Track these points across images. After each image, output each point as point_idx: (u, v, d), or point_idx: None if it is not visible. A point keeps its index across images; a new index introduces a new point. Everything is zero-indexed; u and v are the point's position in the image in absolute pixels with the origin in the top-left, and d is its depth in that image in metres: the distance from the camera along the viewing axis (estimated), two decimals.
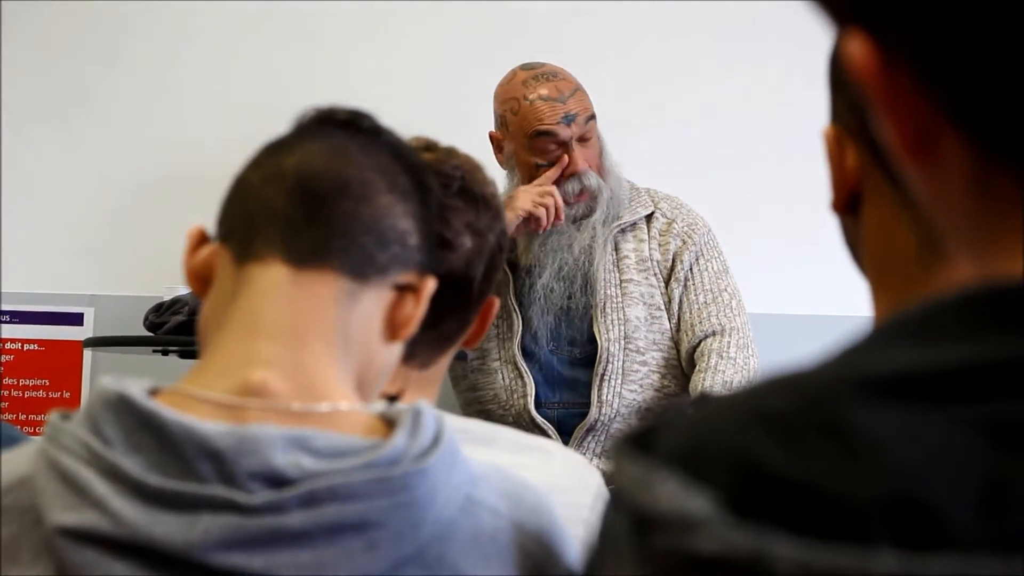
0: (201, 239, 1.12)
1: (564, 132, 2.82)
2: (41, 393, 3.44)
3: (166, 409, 0.97)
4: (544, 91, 2.85)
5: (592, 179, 2.84)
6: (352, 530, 0.95)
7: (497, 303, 1.52)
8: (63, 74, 3.51)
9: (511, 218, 2.73)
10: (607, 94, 3.07)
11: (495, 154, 2.92)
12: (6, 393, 3.43)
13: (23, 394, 3.43)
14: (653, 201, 2.96)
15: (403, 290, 1.11)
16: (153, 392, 1.03)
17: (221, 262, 1.10)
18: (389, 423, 1.04)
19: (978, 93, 0.52)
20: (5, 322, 3.45)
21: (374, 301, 1.09)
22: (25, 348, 3.45)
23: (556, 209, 2.79)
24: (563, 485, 1.35)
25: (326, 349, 1.06)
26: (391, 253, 1.09)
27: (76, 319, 3.47)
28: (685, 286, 2.88)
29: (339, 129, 1.13)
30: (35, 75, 3.50)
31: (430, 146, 1.49)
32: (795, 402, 0.53)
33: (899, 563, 0.47)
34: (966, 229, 0.56)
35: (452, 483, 1.01)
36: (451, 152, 1.48)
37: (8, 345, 3.45)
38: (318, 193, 1.08)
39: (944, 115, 0.54)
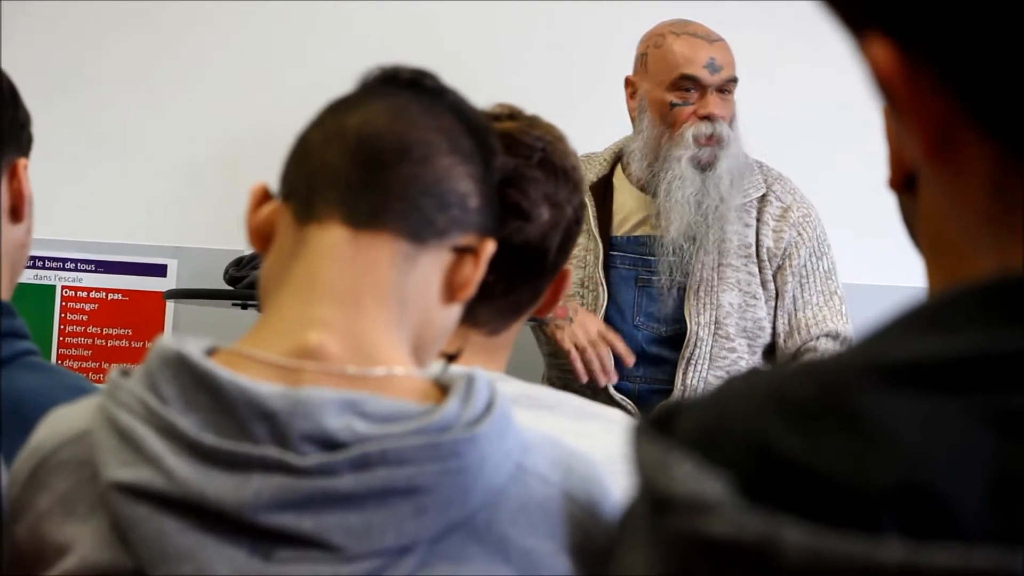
0: (264, 196, 1.13)
1: (707, 77, 2.78)
2: (124, 343, 3.49)
3: (222, 369, 0.98)
4: (692, 29, 2.84)
5: (723, 128, 2.79)
6: (401, 494, 0.96)
7: (571, 274, 1.52)
8: (149, 29, 3.54)
9: (559, 336, 2.75)
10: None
11: (627, 100, 2.90)
12: (90, 341, 3.49)
13: (106, 343, 3.49)
14: (766, 181, 2.89)
15: (462, 252, 1.10)
16: (211, 352, 1.04)
17: (282, 221, 1.10)
18: (443, 389, 1.04)
19: (999, 96, 0.52)
20: (91, 271, 3.50)
21: (432, 264, 1.09)
22: (109, 297, 3.50)
23: (601, 365, 2.74)
24: (624, 454, 1.34)
25: (382, 313, 1.06)
26: (450, 215, 1.09)
27: (160, 270, 3.51)
28: (800, 283, 2.83)
29: (402, 89, 1.12)
30: (122, 31, 3.54)
31: (514, 114, 1.48)
32: (811, 388, 0.53)
33: (905, 552, 0.47)
34: (985, 232, 0.56)
35: (503, 451, 1.01)
36: (534, 122, 1.47)
37: (93, 294, 3.50)
38: (378, 155, 1.07)
39: (965, 118, 0.53)
